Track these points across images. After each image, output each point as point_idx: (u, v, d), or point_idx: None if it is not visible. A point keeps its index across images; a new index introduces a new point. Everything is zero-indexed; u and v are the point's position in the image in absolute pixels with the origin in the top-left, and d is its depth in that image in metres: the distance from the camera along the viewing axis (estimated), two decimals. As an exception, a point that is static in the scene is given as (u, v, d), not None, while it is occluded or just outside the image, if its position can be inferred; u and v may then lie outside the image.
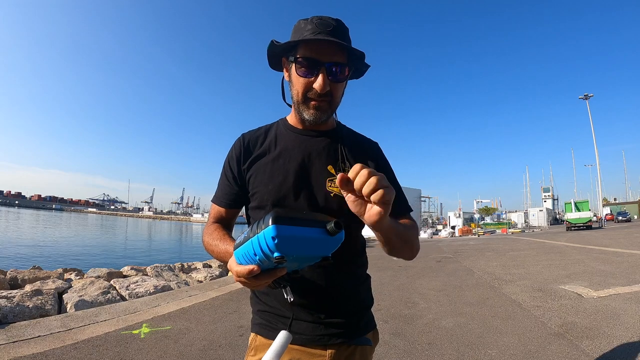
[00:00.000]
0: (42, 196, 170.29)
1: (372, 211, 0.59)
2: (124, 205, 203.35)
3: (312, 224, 0.54)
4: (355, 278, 0.90)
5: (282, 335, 0.64)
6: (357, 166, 0.58)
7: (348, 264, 0.87)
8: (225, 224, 0.94)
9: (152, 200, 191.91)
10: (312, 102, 0.82)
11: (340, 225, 0.54)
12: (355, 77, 0.94)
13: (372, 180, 0.55)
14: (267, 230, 0.51)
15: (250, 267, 0.57)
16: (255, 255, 0.55)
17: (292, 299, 0.69)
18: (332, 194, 0.84)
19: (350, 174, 0.58)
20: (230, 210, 0.94)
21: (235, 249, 0.61)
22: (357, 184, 0.57)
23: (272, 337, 0.69)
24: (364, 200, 0.60)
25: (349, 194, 0.61)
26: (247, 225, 0.74)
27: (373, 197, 0.56)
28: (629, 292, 4.53)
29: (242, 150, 0.92)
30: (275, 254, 0.51)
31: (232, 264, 0.62)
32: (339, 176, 0.59)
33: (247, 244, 0.56)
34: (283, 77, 0.90)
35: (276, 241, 0.50)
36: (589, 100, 30.55)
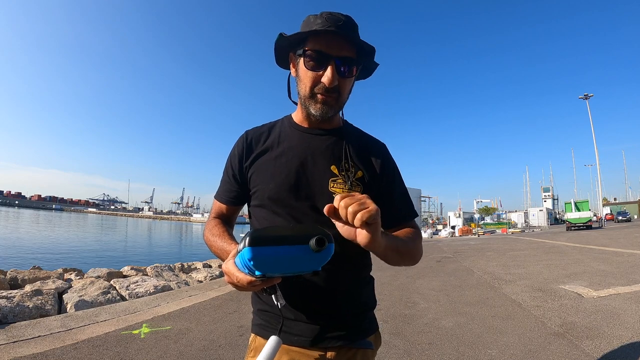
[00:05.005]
0: (42, 196, 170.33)
1: (361, 235, 0.59)
2: (124, 205, 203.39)
3: (294, 241, 0.53)
4: (359, 279, 0.88)
5: (272, 340, 0.64)
6: (337, 197, 0.58)
7: (351, 265, 0.85)
8: (226, 220, 0.94)
9: (152, 200, 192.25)
10: (319, 97, 0.80)
11: (324, 241, 0.52)
12: (363, 77, 0.93)
13: (353, 207, 0.56)
14: (244, 251, 0.53)
15: (250, 278, 0.58)
16: (244, 269, 0.57)
17: (283, 304, 0.69)
18: (334, 195, 0.81)
19: (335, 203, 0.58)
20: (231, 207, 0.94)
21: (234, 257, 0.64)
22: (341, 215, 0.58)
23: None
24: (352, 225, 0.60)
25: (337, 222, 0.61)
26: (247, 224, 0.75)
27: (356, 223, 0.57)
28: (629, 292, 4.52)
29: (245, 147, 0.90)
30: (257, 273, 0.54)
31: (233, 269, 0.63)
32: (326, 209, 0.59)
33: (237, 257, 0.59)
34: (289, 74, 0.89)
35: (252, 263, 0.52)
36: (589, 100, 30.60)
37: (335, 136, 0.89)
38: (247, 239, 0.52)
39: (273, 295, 0.68)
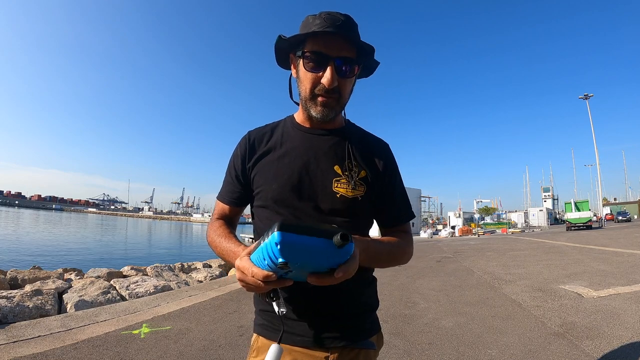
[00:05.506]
0: (42, 196, 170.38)
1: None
2: (124, 205, 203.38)
3: (319, 234, 0.55)
4: (361, 280, 0.86)
5: (273, 348, 0.65)
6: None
7: None
8: (228, 221, 0.94)
9: (152, 200, 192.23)
10: (320, 99, 0.80)
11: (347, 237, 0.54)
12: (365, 76, 0.92)
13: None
14: (272, 237, 0.53)
15: (267, 272, 0.58)
16: (265, 260, 0.57)
17: (283, 312, 0.69)
18: (338, 195, 0.82)
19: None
20: (233, 208, 0.94)
21: (251, 252, 0.64)
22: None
23: (274, 339, 0.69)
24: None
25: None
26: (249, 225, 0.77)
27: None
28: (629, 292, 4.53)
29: (248, 148, 0.90)
30: (280, 260, 0.54)
31: (246, 264, 0.62)
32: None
33: (259, 249, 0.59)
34: (290, 74, 0.89)
35: (279, 247, 0.53)
36: (589, 100, 30.61)
37: (338, 136, 0.89)
38: (277, 224, 0.53)
39: (275, 303, 0.69)
